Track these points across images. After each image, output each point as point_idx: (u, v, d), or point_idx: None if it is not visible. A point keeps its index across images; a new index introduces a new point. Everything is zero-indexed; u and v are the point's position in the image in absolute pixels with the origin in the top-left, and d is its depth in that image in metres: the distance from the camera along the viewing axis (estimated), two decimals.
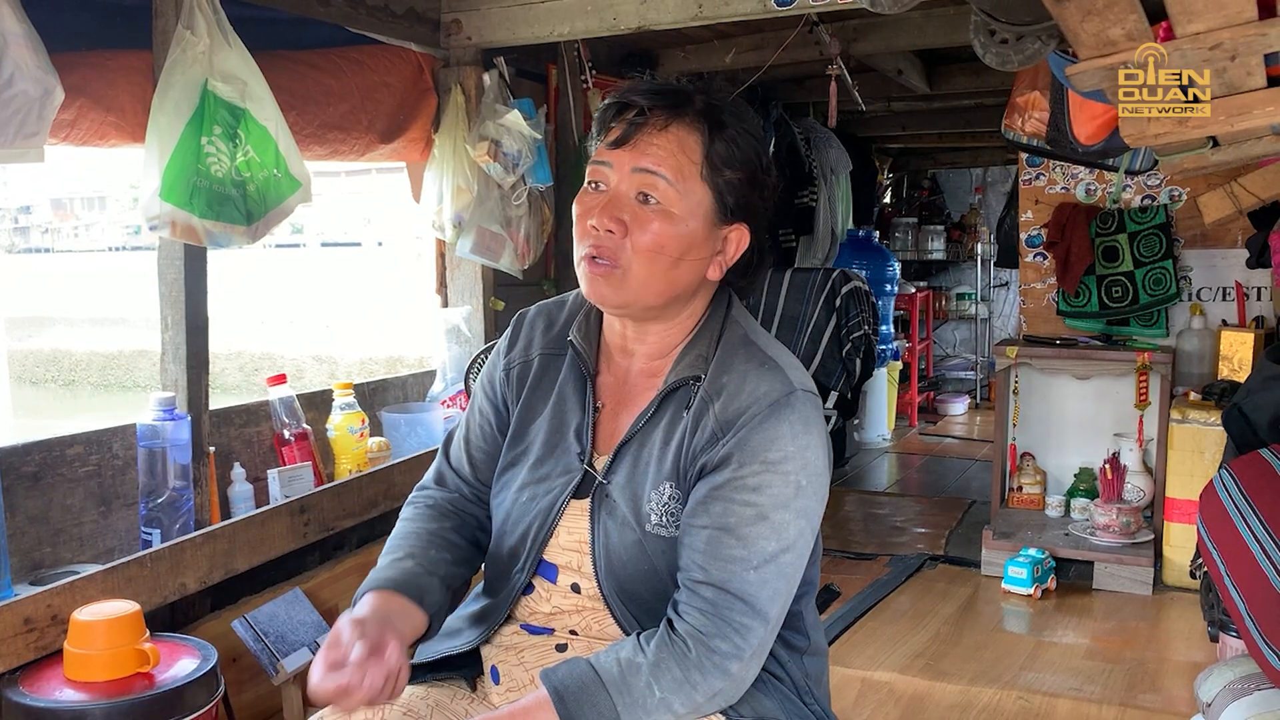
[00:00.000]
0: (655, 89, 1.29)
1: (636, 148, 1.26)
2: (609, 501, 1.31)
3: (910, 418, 6.72)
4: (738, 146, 1.28)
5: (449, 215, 3.09)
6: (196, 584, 2.05)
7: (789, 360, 1.32)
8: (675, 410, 1.31)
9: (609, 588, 1.30)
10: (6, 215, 27.38)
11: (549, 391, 1.42)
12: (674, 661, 1.19)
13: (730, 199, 1.28)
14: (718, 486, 1.23)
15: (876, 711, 2.59)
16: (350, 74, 2.75)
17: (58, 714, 1.64)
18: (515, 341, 1.48)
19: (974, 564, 3.69)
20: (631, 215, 1.26)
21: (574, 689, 1.19)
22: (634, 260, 1.27)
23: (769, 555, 1.21)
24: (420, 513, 1.47)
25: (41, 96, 1.59)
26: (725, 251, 1.31)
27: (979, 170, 8.38)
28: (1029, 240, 4.12)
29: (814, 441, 1.25)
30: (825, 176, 5.43)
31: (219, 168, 2.09)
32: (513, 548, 1.38)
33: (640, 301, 1.30)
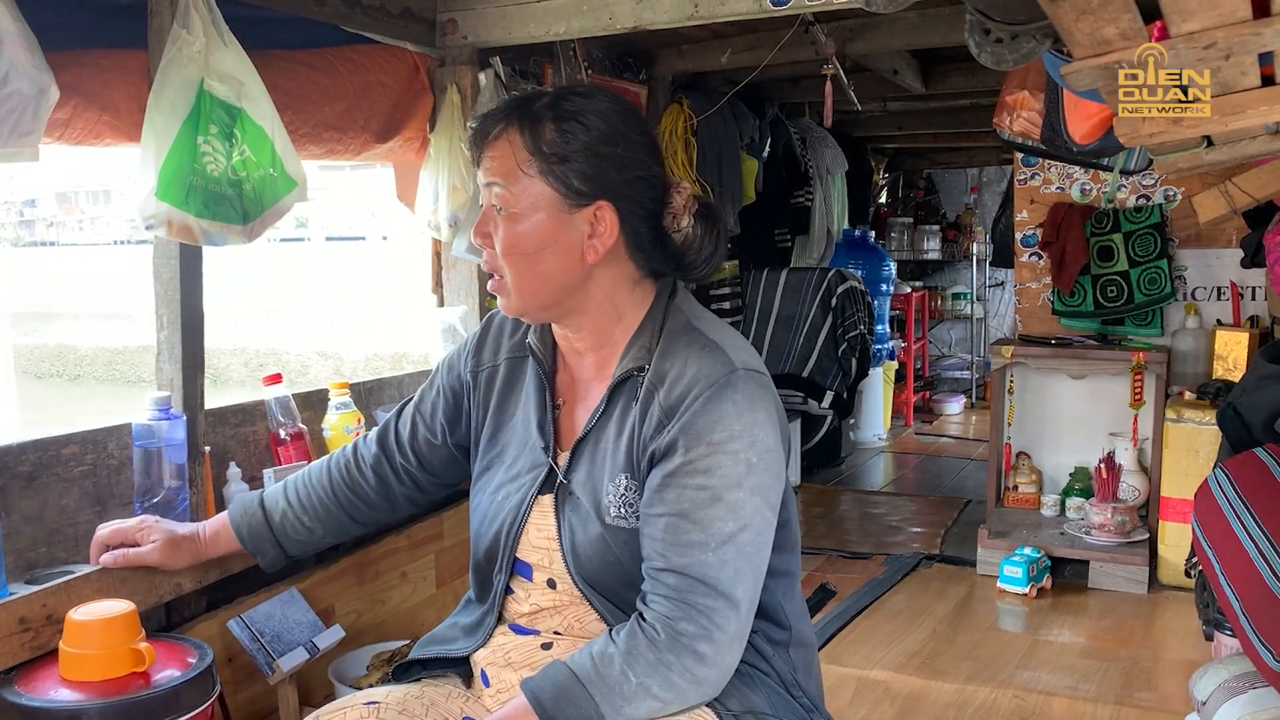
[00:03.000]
0: (501, 105, 1.37)
1: (483, 163, 1.35)
2: (572, 498, 1.34)
3: (906, 417, 6.73)
4: (573, 130, 1.30)
5: (444, 215, 3.08)
6: (192, 584, 2.04)
7: (733, 341, 1.34)
8: (625, 402, 1.33)
9: (580, 580, 1.33)
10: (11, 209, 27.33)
11: (518, 394, 1.48)
12: (645, 647, 1.21)
13: (575, 181, 1.30)
14: (669, 473, 1.25)
15: (873, 710, 2.60)
16: (346, 73, 2.75)
17: (53, 714, 1.63)
18: (483, 344, 1.55)
19: (970, 563, 3.70)
20: (492, 225, 1.34)
21: (551, 692, 1.21)
22: (504, 267, 1.34)
23: (726, 536, 1.22)
24: (341, 474, 1.68)
25: (36, 95, 1.59)
26: (598, 234, 1.32)
27: (974, 170, 8.40)
28: (1024, 240, 4.12)
29: (761, 418, 1.27)
30: (821, 176, 5.44)
31: (215, 167, 2.08)
32: (489, 549, 1.41)
33: (530, 303, 1.36)
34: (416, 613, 2.76)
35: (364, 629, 2.56)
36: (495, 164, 1.32)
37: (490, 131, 1.34)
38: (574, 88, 1.37)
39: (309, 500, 1.67)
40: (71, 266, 19.00)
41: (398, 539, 2.73)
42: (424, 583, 2.82)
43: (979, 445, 5.96)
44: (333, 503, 1.66)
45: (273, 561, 1.70)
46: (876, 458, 5.79)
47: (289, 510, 1.68)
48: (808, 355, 4.71)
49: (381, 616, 2.65)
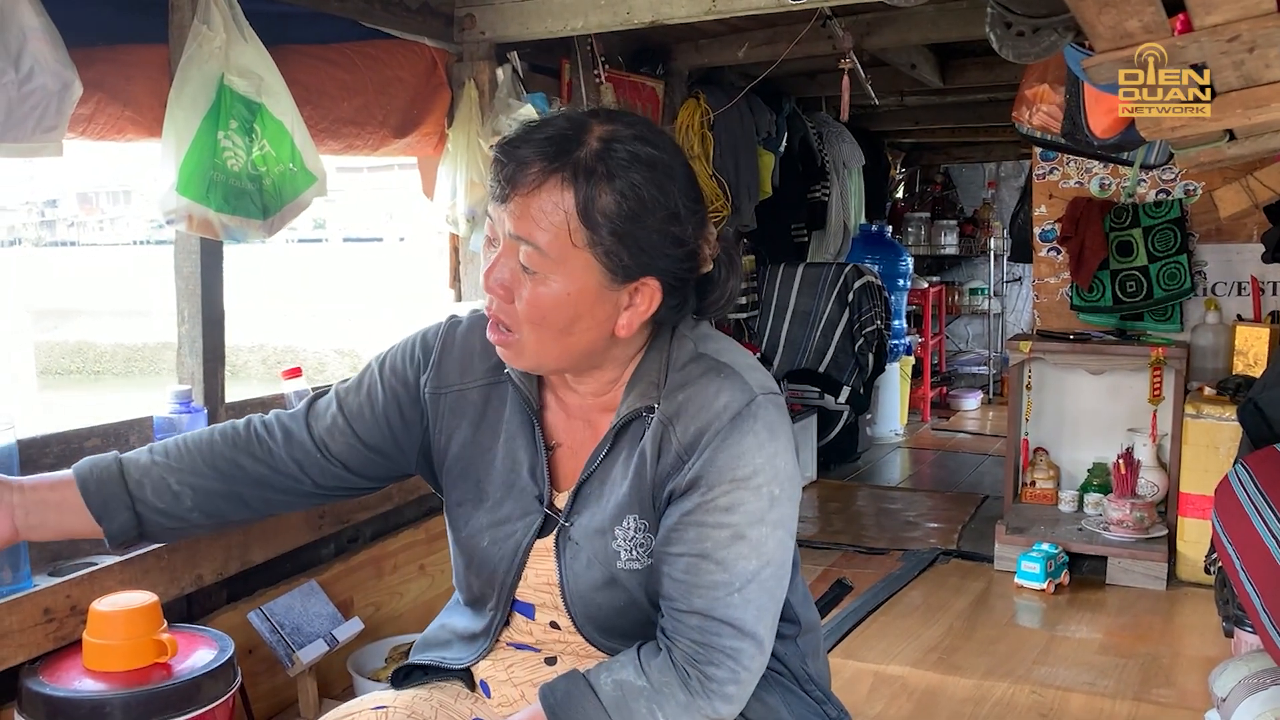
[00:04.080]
0: (537, 135, 1.16)
1: (512, 208, 1.15)
2: (572, 545, 1.27)
3: (923, 413, 6.71)
4: (629, 200, 1.14)
5: (462, 210, 3.09)
6: (213, 576, 2.06)
7: (744, 361, 1.26)
8: (631, 442, 1.25)
9: (587, 628, 1.28)
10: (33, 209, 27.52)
11: (495, 426, 1.34)
12: (679, 688, 1.17)
13: (626, 259, 1.16)
14: (689, 512, 1.19)
15: (889, 705, 2.59)
16: (364, 69, 2.76)
17: (77, 703, 1.65)
18: (445, 361, 1.37)
19: (987, 559, 3.69)
20: (514, 280, 1.17)
21: (572, 709, 1.17)
22: (523, 327, 1.19)
23: (750, 574, 1.18)
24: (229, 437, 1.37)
25: (60, 90, 1.60)
26: (635, 306, 1.20)
27: (992, 165, 8.36)
28: (1043, 235, 4.10)
29: (781, 447, 1.21)
30: (837, 171, 5.43)
31: (235, 162, 2.10)
32: (481, 589, 1.35)
33: (544, 366, 1.25)
34: (434, 605, 2.76)
35: (382, 621, 2.58)
36: (533, 223, 1.14)
37: (527, 176, 1.14)
38: (618, 127, 1.18)
39: (183, 461, 1.34)
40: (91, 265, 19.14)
41: (415, 532, 2.75)
42: (441, 576, 2.83)
43: (996, 441, 5.93)
44: (208, 467, 1.34)
45: (121, 529, 1.31)
46: (893, 453, 5.77)
47: (154, 467, 1.33)
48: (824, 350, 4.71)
49: (400, 609, 2.67)
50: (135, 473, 1.32)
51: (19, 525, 1.28)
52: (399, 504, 2.64)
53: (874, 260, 5.70)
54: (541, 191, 1.13)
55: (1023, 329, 7.69)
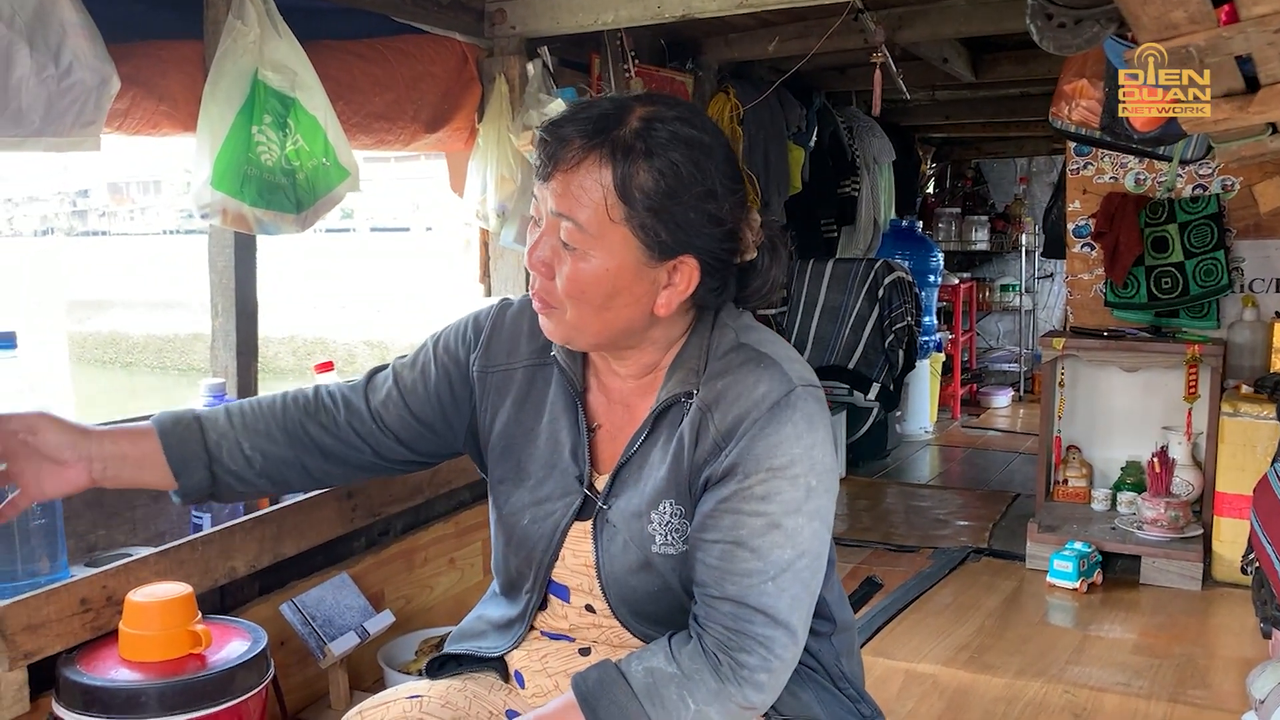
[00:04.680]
0: (580, 114, 1.19)
1: (553, 186, 1.19)
2: (610, 527, 1.28)
3: (953, 410, 6.66)
4: (668, 177, 1.16)
5: (492, 205, 3.10)
6: (246, 567, 2.07)
7: (785, 353, 1.27)
8: (670, 427, 1.26)
9: (622, 611, 1.29)
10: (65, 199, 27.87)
11: (539, 406, 1.37)
12: (708, 673, 1.17)
13: (663, 235, 1.18)
14: (725, 499, 1.19)
15: (920, 703, 2.58)
16: (396, 64, 2.77)
17: (113, 693, 1.66)
18: (494, 341, 1.40)
19: (1018, 557, 3.66)
20: (555, 256, 1.21)
21: (604, 698, 1.18)
22: (564, 303, 1.21)
23: (785, 564, 1.18)
24: (298, 405, 1.40)
25: (99, 85, 1.62)
26: (674, 285, 1.22)
27: (1023, 160, 8.28)
28: (1076, 230, 4.06)
29: (819, 439, 1.21)
30: (868, 166, 5.40)
31: (269, 156, 2.11)
32: (519, 569, 1.36)
33: (583, 341, 1.26)
34: (464, 599, 2.78)
35: (412, 614, 2.59)
36: (573, 199, 1.17)
37: (569, 153, 1.17)
38: (659, 108, 1.20)
39: (256, 425, 1.38)
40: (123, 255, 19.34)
41: (445, 526, 2.76)
42: (471, 570, 2.84)
43: (1027, 439, 5.88)
44: (280, 431, 1.39)
45: (196, 487, 1.36)
46: (923, 450, 5.73)
47: (230, 430, 1.37)
48: (854, 347, 4.68)
49: (430, 602, 2.68)
50: (214, 433, 1.36)
51: (95, 476, 1.32)
52: (429, 497, 2.64)
53: (904, 256, 5.66)
54: (581, 168, 1.16)
55: (1054, 326, 7.62)
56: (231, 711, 1.71)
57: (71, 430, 1.30)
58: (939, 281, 6.24)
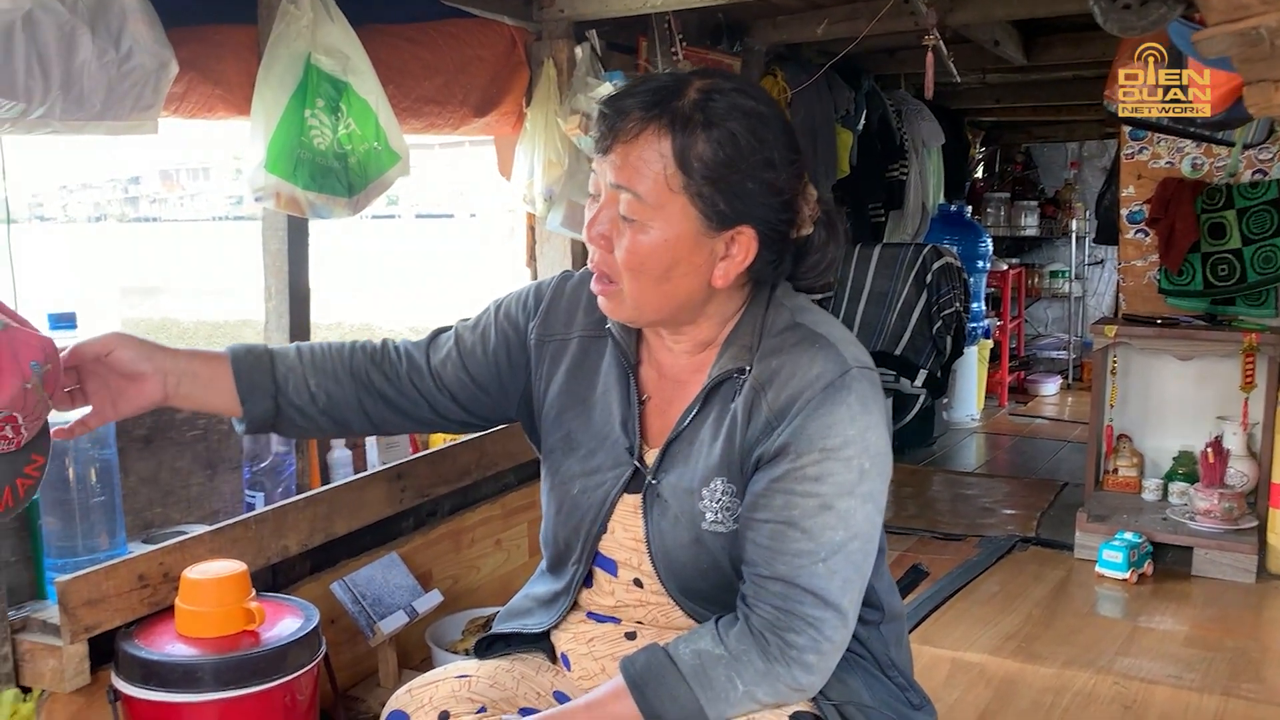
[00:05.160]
0: (638, 89, 1.21)
1: (612, 158, 1.20)
2: (660, 501, 1.28)
3: (1000, 397, 6.59)
4: (725, 144, 1.17)
5: (539, 189, 3.10)
6: (298, 546, 2.10)
7: (841, 334, 1.26)
8: (722, 403, 1.26)
9: (671, 586, 1.29)
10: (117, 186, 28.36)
11: (592, 377, 1.38)
12: (756, 654, 1.17)
13: (722, 205, 1.18)
14: (777, 479, 1.19)
15: (967, 692, 2.56)
16: (445, 48, 2.78)
17: (170, 667, 1.70)
18: (554, 311, 1.42)
19: (1067, 547, 3.61)
20: (613, 230, 1.22)
21: (653, 680, 1.18)
22: (623, 277, 1.22)
23: (836, 545, 1.17)
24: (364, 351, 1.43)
25: (157, 70, 1.64)
26: (731, 256, 1.22)
27: (1074, 145, 8.14)
28: (1130, 216, 3.99)
29: (874, 421, 1.20)
30: (916, 150, 5.33)
31: (321, 140, 2.13)
32: (567, 539, 1.37)
33: (643, 316, 1.26)
34: (510, 580, 2.80)
35: (459, 594, 2.61)
36: (633, 171, 1.18)
37: (629, 125, 1.18)
38: (718, 81, 1.21)
39: (324, 365, 1.41)
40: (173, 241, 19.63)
41: (492, 508, 2.78)
42: (517, 551, 2.86)
43: (1075, 427, 5.81)
44: (346, 374, 1.41)
45: (260, 415, 1.38)
46: (969, 438, 5.68)
47: (299, 365, 1.40)
48: (901, 333, 4.63)
49: (476, 583, 2.70)
50: (282, 366, 1.39)
51: (169, 392, 1.33)
52: (476, 479, 2.67)
53: (952, 241, 5.60)
54: (640, 139, 1.18)
55: (1104, 313, 7.50)
56: (285, 688, 1.74)
57: (147, 345, 1.32)
58: (987, 267, 6.16)
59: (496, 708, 1.37)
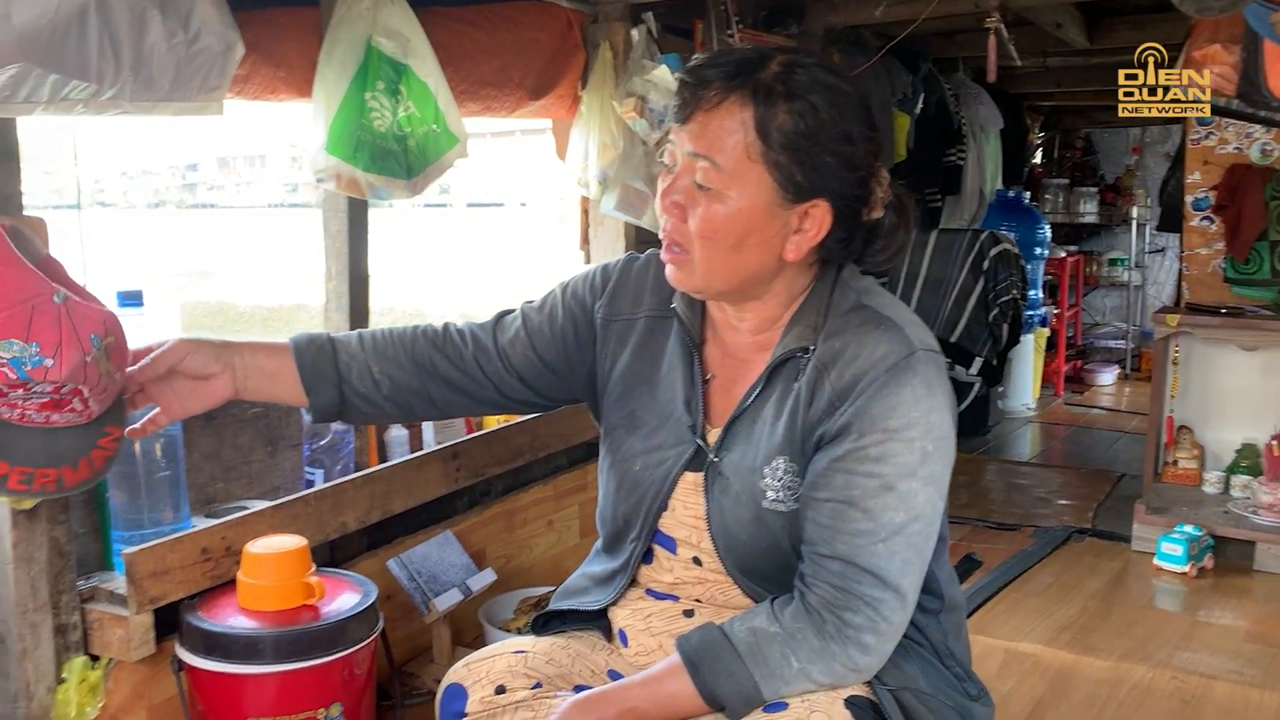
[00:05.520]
0: (720, 60, 1.22)
1: (691, 127, 1.21)
2: (722, 479, 1.29)
3: (1056, 387, 6.49)
4: (806, 116, 1.17)
5: (594, 172, 3.10)
6: (356, 523, 2.13)
7: (907, 317, 1.26)
8: (785, 383, 1.26)
9: (731, 564, 1.29)
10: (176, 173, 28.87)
11: (657, 357, 1.39)
12: (811, 632, 1.17)
13: (798, 176, 1.19)
14: (838, 458, 1.19)
15: (1021, 682, 2.54)
16: (502, 30, 2.78)
17: (232, 638, 1.73)
18: (620, 291, 1.43)
19: (1124, 539, 3.56)
20: (688, 199, 1.22)
21: (709, 660, 1.19)
22: (695, 245, 1.23)
23: (897, 526, 1.17)
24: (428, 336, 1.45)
25: (224, 51, 1.66)
26: (804, 231, 1.22)
27: (1136, 130, 7.97)
28: (1195, 203, 3.90)
29: (938, 404, 1.20)
30: (974, 134, 5.25)
31: (381, 122, 2.14)
32: (626, 516, 1.38)
33: (711, 287, 1.27)
34: (561, 560, 2.82)
35: (512, 574, 2.64)
36: (712, 139, 1.19)
37: (710, 95, 1.19)
38: (800, 55, 1.22)
39: (386, 350, 1.42)
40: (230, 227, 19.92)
41: (544, 488, 2.80)
42: (568, 532, 2.88)
43: (1133, 418, 5.71)
44: (409, 360, 1.42)
45: (325, 404, 1.40)
46: (1024, 427, 5.60)
47: (361, 353, 1.41)
48: (956, 320, 4.57)
49: (529, 563, 2.73)
50: (345, 355, 1.41)
51: (238, 387, 1.37)
52: (529, 460, 2.68)
53: (1010, 227, 5.51)
54: (721, 108, 1.19)
55: (1164, 302, 7.34)
56: (343, 661, 1.77)
57: (214, 345, 1.36)
58: (1045, 254, 6.06)
59: (552, 684, 1.39)
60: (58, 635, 1.73)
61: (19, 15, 1.33)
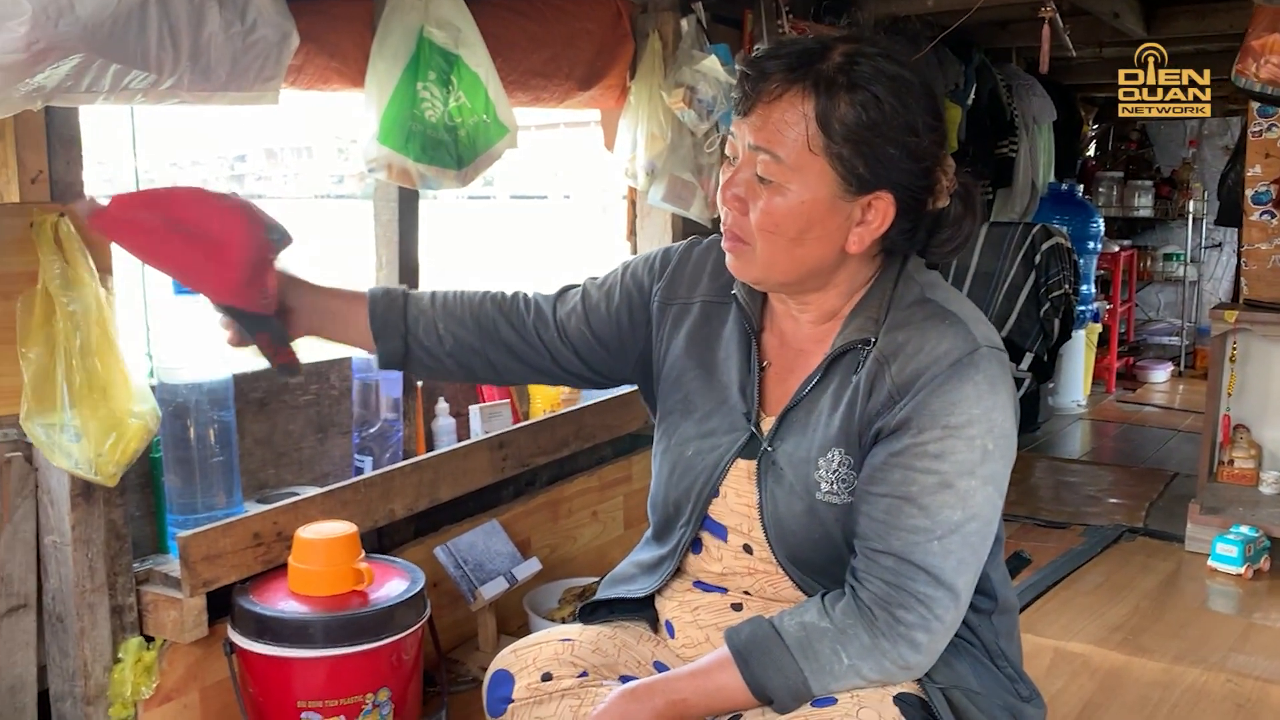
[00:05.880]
0: (781, 51, 1.19)
1: (752, 120, 1.19)
2: (775, 469, 1.27)
3: (1107, 384, 6.38)
4: (869, 108, 1.15)
5: (642, 163, 3.09)
6: (404, 510, 2.16)
7: (971, 313, 1.23)
8: (844, 374, 1.25)
9: (782, 554, 1.28)
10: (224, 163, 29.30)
11: (713, 343, 1.38)
12: (861, 628, 1.16)
13: (861, 169, 1.17)
14: (896, 453, 1.17)
15: (1071, 682, 2.50)
16: (552, 20, 2.78)
17: (283, 622, 1.76)
18: (679, 275, 1.43)
19: (1177, 539, 3.49)
20: (749, 191, 1.21)
21: (758, 654, 1.18)
22: (756, 238, 1.21)
23: (953, 525, 1.15)
24: (494, 299, 1.48)
25: (280, 41, 1.68)
26: (867, 223, 1.20)
27: (1194, 122, 7.80)
28: (1255, 197, 3.80)
29: (1000, 402, 1.17)
30: (1027, 126, 5.17)
31: (433, 113, 2.15)
32: (677, 501, 1.37)
33: (771, 279, 1.25)
34: (605, 551, 2.83)
35: (556, 564, 2.65)
36: (774, 131, 1.17)
37: (770, 86, 1.17)
38: (862, 45, 1.19)
39: (454, 309, 1.46)
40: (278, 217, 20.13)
41: (589, 479, 2.81)
42: (613, 523, 2.89)
43: (1186, 416, 5.60)
44: (473, 320, 1.45)
45: (390, 352, 1.43)
46: (1074, 424, 5.52)
47: (429, 308, 1.45)
48: (1007, 314, 4.51)
49: (573, 553, 2.74)
50: (414, 309, 1.44)
51: (313, 327, 1.42)
52: (574, 451, 2.69)
53: (1062, 221, 5.42)
54: (782, 100, 1.17)
55: (1221, 298, 7.20)
56: (392, 647, 1.78)
57: (297, 281, 1.41)
58: (1098, 249, 5.96)
59: (598, 673, 1.39)
60: (114, 616, 1.76)
61: (83, 7, 1.35)
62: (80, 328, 1.61)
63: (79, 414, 1.60)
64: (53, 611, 1.73)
